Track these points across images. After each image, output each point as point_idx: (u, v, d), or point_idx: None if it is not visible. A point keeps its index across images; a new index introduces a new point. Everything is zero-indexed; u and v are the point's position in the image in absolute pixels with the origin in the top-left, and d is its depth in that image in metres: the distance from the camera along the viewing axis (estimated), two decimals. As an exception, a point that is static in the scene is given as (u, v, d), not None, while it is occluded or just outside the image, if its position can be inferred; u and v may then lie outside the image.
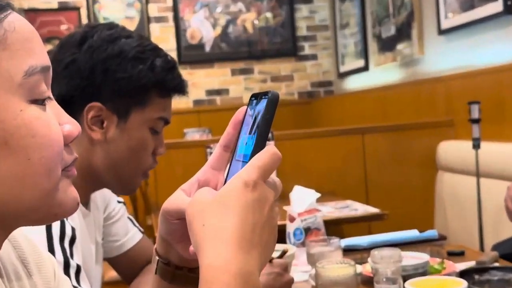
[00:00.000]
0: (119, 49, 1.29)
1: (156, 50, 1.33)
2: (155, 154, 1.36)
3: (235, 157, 0.71)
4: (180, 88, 1.36)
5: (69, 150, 0.67)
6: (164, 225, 0.73)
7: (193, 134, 5.11)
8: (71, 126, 0.67)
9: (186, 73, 5.59)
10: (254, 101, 0.70)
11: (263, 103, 0.67)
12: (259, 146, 0.66)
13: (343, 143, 3.54)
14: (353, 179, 3.52)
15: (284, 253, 1.50)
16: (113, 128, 1.30)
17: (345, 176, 3.51)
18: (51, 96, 0.67)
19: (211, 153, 3.30)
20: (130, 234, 1.58)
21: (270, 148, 0.66)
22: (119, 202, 1.57)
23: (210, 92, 5.74)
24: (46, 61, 0.66)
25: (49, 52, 0.89)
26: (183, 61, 5.62)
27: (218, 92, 5.75)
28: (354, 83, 5.28)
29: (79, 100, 1.28)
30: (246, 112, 0.71)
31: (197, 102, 5.67)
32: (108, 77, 1.28)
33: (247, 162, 0.66)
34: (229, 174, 0.70)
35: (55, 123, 0.64)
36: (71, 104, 1.26)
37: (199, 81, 5.71)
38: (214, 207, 0.63)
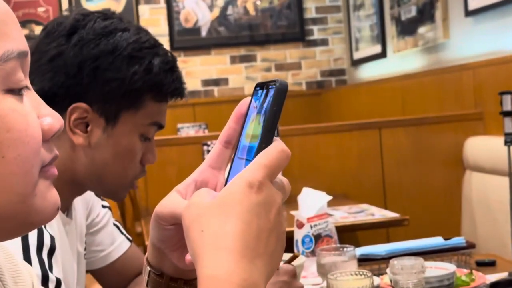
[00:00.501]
0: (113, 45, 1.29)
1: (155, 48, 1.33)
2: (144, 162, 1.36)
3: (237, 155, 0.71)
4: (179, 92, 1.37)
5: (49, 146, 0.67)
6: (156, 231, 0.73)
7: (188, 130, 5.12)
8: (51, 119, 0.66)
9: (179, 60, 5.56)
10: (259, 92, 0.70)
11: (269, 94, 0.67)
12: (265, 143, 0.66)
13: (358, 140, 3.54)
14: (369, 180, 3.52)
15: (293, 258, 1.49)
16: (99, 133, 1.30)
17: (360, 176, 3.51)
18: (29, 85, 0.66)
19: (208, 151, 3.30)
20: (116, 243, 1.58)
21: (278, 145, 0.66)
22: (104, 206, 1.58)
23: (206, 82, 5.74)
24: (24, 46, 0.65)
25: (30, 39, 0.89)
26: (176, 47, 5.62)
27: (216, 82, 5.75)
28: (369, 72, 5.28)
29: (62, 99, 1.27)
30: (250, 104, 0.71)
31: (192, 94, 5.67)
32: (97, 76, 1.27)
33: (251, 161, 0.66)
34: (230, 174, 0.70)
35: (33, 116, 0.64)
36: (53, 102, 1.26)
37: (194, 70, 5.71)
38: (214, 210, 0.63)
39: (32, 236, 1.13)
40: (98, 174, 1.31)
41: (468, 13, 3.65)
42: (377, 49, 5.00)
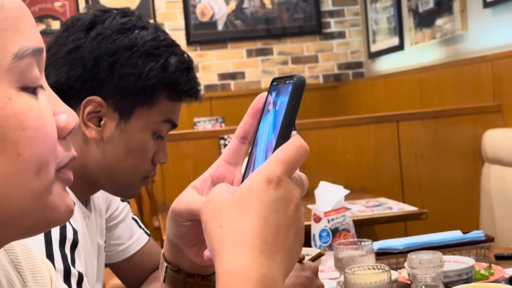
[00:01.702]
0: (131, 41, 1.30)
1: (172, 47, 1.34)
2: (155, 161, 1.37)
3: (254, 150, 0.71)
4: (194, 93, 1.38)
5: (66, 145, 0.66)
6: (173, 227, 0.73)
7: (204, 124, 5.12)
8: (67, 116, 0.66)
9: (195, 54, 5.60)
10: (276, 86, 0.70)
11: (287, 88, 0.67)
12: (283, 138, 0.66)
13: (375, 133, 3.53)
14: (387, 174, 3.51)
15: (318, 256, 1.49)
16: (112, 127, 1.31)
17: (377, 170, 3.50)
18: (45, 84, 0.66)
19: (225, 145, 3.31)
20: (135, 237, 1.59)
21: (296, 140, 0.66)
22: (122, 201, 1.59)
23: (223, 76, 5.75)
24: (39, 42, 0.65)
25: (47, 34, 0.89)
26: (192, 41, 5.62)
27: (233, 76, 5.75)
28: (387, 64, 5.25)
29: (77, 92, 1.29)
30: (266, 99, 0.71)
31: (208, 88, 5.67)
32: (114, 71, 1.29)
33: (269, 156, 0.66)
34: (247, 170, 0.71)
35: (48, 114, 0.64)
36: (68, 95, 1.28)
37: (211, 63, 5.71)
38: (232, 206, 0.63)
39: (55, 230, 1.14)
40: (109, 169, 1.32)
41: (487, 4, 3.62)
42: (395, 41, 4.97)
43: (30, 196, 0.62)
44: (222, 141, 3.33)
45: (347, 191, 2.02)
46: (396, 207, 2.83)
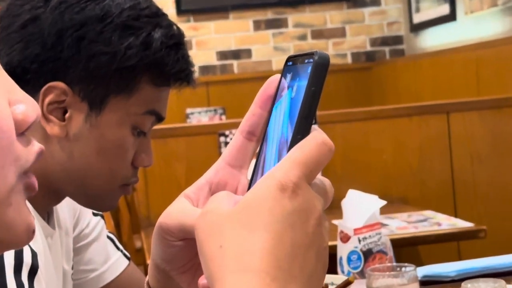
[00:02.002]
0: (103, 10, 1.29)
1: (157, 17, 1.34)
2: (136, 164, 1.37)
3: (264, 149, 0.71)
4: (185, 76, 1.37)
5: (26, 140, 0.67)
6: (160, 248, 0.73)
7: (200, 116, 5.14)
8: (25, 106, 0.66)
9: (188, 27, 5.61)
10: (292, 67, 0.70)
11: (306, 70, 0.67)
12: (300, 133, 0.66)
13: (419, 127, 3.53)
14: (434, 180, 3.51)
15: (347, 284, 1.49)
16: (80, 121, 1.31)
17: (422, 175, 3.50)
18: None
19: (226, 143, 3.31)
20: (111, 261, 1.59)
21: (317, 136, 0.66)
22: (95, 214, 1.59)
23: (223, 55, 5.76)
24: None
25: None
26: (184, 10, 5.64)
27: (236, 54, 5.76)
28: (434, 39, 5.25)
29: (35, 77, 1.28)
30: (279, 83, 0.71)
31: (205, 70, 5.69)
32: (81, 49, 1.28)
33: (283, 157, 0.66)
34: (255, 174, 0.70)
35: (2, 103, 0.64)
36: (23, 80, 1.27)
37: (208, 39, 5.72)
38: (236, 220, 0.63)
39: (9, 253, 1.14)
40: (77, 174, 1.32)
41: None
42: (444, 9, 4.96)
43: None
44: (222, 138, 3.34)
45: (384, 202, 2.02)
46: (446, 223, 2.82)
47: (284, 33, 5.78)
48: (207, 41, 5.71)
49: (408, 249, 3.11)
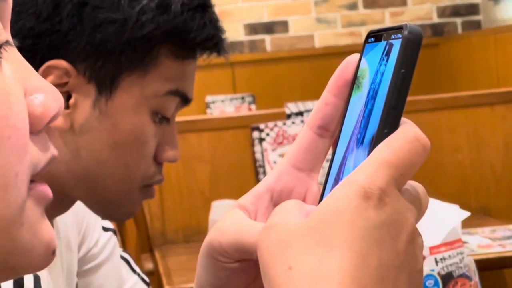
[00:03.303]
0: None
1: None
2: (160, 158, 1.38)
3: (341, 148, 0.71)
4: (214, 44, 1.38)
5: (41, 141, 0.67)
6: (211, 271, 0.74)
7: (223, 105, 5.14)
8: (44, 96, 0.67)
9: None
10: (375, 45, 0.71)
11: (393, 48, 0.68)
12: (387, 127, 0.66)
13: (504, 119, 3.52)
14: (525, 185, 3.50)
15: None
16: (87, 108, 1.32)
17: (508, 179, 3.50)
18: (11, 40, 0.67)
19: (261, 139, 3.31)
20: (126, 287, 1.60)
21: (408, 130, 0.66)
22: (106, 229, 1.59)
23: (253, 28, 5.78)
24: None
25: None
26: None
27: (268, 27, 5.78)
28: (519, 8, 5.23)
29: (30, 55, 1.29)
30: (359, 65, 0.71)
31: (230, 47, 5.67)
32: (84, 17, 1.30)
33: (366, 156, 0.66)
34: (329, 179, 0.71)
35: (17, 93, 0.64)
36: None
37: (233, 8, 5.75)
38: (309, 236, 0.64)
39: None
40: (86, 175, 1.34)
41: None
42: (533, -30, 4.94)
43: None
44: (256, 133, 3.33)
45: (467, 214, 2.02)
46: (542, 240, 2.81)
47: (329, 0, 5.79)
48: (232, 11, 5.74)
49: (491, 273, 3.10)
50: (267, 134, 3.24)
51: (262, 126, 3.35)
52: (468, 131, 3.52)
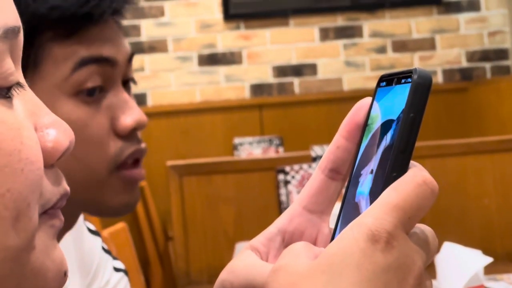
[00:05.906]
0: None
1: None
2: (119, 130, 1.31)
3: (351, 190, 0.72)
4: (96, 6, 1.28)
5: (54, 175, 0.68)
6: None
7: (251, 148, 5.14)
8: (56, 132, 0.68)
9: (238, 36, 5.64)
10: (386, 89, 0.72)
11: (403, 92, 0.69)
12: (396, 170, 0.68)
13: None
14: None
15: None
16: None
17: (536, 224, 3.46)
18: (23, 81, 0.68)
19: (286, 181, 3.31)
20: None
21: (417, 173, 0.67)
22: (117, 270, 1.58)
23: (281, 71, 5.76)
24: (13, 20, 0.67)
25: None
26: (233, 14, 5.67)
27: (297, 70, 5.77)
28: (548, 53, 5.21)
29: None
30: (370, 109, 0.72)
31: (257, 89, 5.70)
32: None
33: (375, 199, 0.67)
34: (340, 221, 0.72)
35: (28, 129, 0.65)
36: None
37: (262, 50, 5.74)
38: (318, 278, 0.64)
39: None
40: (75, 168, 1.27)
41: None
42: (562, 16, 4.93)
43: (2, 258, 0.63)
44: (281, 176, 3.33)
45: (489, 259, 2.00)
46: None
47: (358, 44, 5.78)
48: (261, 53, 5.73)
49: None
50: (293, 177, 3.24)
51: (287, 168, 3.34)
52: (494, 176, 3.50)
